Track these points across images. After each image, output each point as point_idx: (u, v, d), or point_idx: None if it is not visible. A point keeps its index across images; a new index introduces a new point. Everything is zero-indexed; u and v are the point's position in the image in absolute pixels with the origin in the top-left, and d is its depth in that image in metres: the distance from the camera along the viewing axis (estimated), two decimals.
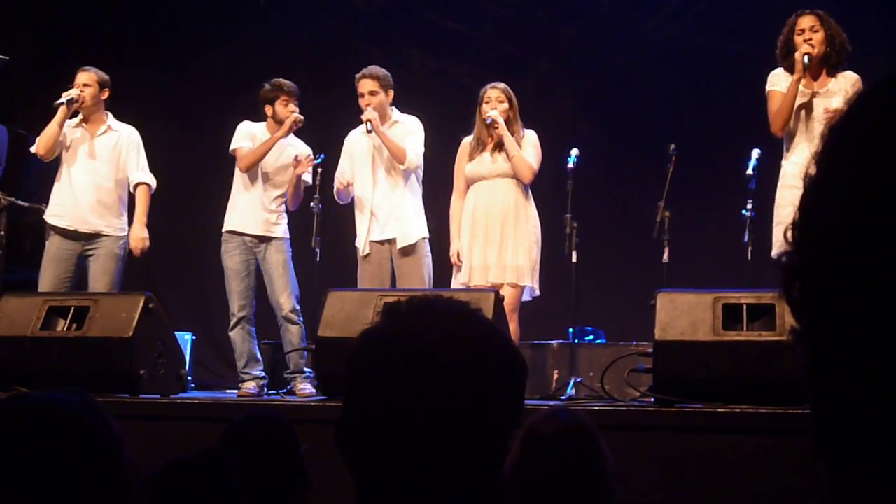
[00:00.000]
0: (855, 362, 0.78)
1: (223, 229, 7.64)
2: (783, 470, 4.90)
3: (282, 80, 7.68)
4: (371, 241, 7.43)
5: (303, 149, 7.73)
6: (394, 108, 7.54)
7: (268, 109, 7.65)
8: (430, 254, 7.46)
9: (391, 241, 7.40)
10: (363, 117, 7.35)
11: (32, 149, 7.61)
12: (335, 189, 7.57)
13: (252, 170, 7.60)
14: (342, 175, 7.57)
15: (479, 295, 6.10)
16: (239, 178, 7.67)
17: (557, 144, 7.66)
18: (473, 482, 1.47)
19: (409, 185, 7.44)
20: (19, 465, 1.74)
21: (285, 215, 7.68)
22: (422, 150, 7.44)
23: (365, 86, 7.41)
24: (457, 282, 7.23)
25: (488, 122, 7.13)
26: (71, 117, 7.60)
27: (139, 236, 7.65)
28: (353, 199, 7.59)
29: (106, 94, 7.68)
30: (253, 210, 7.58)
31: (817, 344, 0.83)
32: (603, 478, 2.97)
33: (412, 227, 7.40)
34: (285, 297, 7.41)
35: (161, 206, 8.77)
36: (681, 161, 7.46)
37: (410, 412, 1.43)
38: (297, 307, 7.41)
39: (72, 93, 7.50)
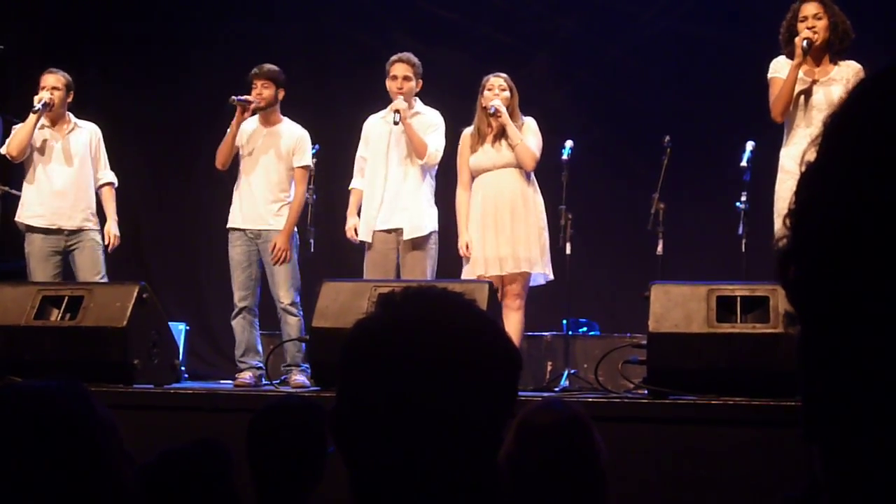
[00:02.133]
0: (850, 343, 0.79)
1: (227, 225, 7.62)
2: (776, 461, 4.91)
3: (261, 65, 7.61)
4: (376, 231, 7.39)
5: (296, 132, 7.63)
6: (417, 98, 7.52)
7: None
8: (436, 247, 7.43)
9: (398, 231, 7.37)
10: (392, 106, 7.30)
11: (2, 150, 7.67)
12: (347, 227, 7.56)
13: (241, 164, 7.58)
14: (361, 161, 7.58)
15: (474, 286, 6.10)
16: (238, 173, 7.65)
17: (552, 136, 7.66)
18: (467, 472, 1.47)
19: (422, 175, 7.41)
20: (1, 452, 1.74)
21: (288, 207, 7.60)
22: (442, 146, 7.40)
23: (400, 69, 7.38)
24: (468, 273, 7.20)
25: (492, 111, 7.12)
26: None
27: (115, 233, 7.84)
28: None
29: (71, 97, 7.82)
30: (248, 205, 7.55)
31: (811, 325, 0.83)
32: (596, 469, 2.98)
33: (423, 218, 7.35)
34: (284, 290, 7.38)
35: (156, 197, 8.80)
36: (675, 153, 7.47)
37: (404, 402, 1.43)
38: (297, 300, 7.37)
39: (44, 96, 7.58)
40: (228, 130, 7.53)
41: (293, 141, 7.59)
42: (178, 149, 9.92)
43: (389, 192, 7.39)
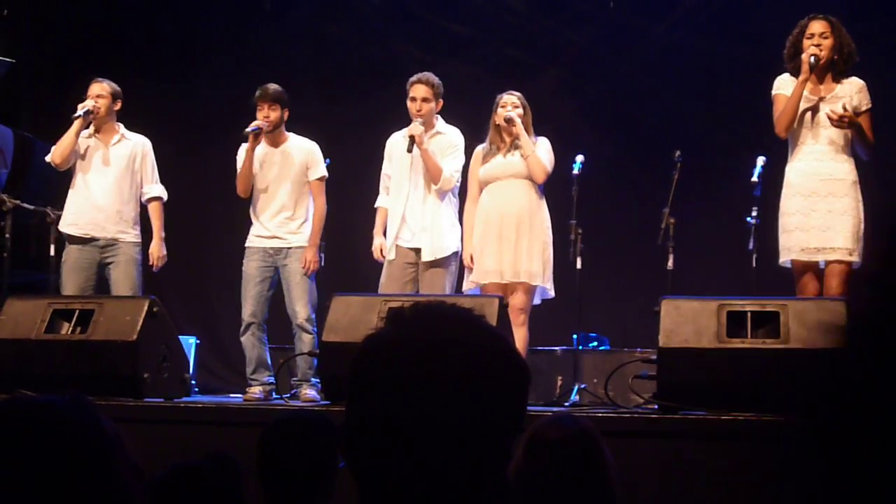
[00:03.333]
0: None
1: (245, 245, 7.63)
2: (787, 478, 4.90)
3: (264, 85, 7.60)
4: (398, 245, 7.39)
5: (304, 146, 7.64)
6: (439, 117, 7.50)
7: None
8: (457, 265, 7.39)
9: (417, 251, 7.35)
10: (408, 131, 7.27)
11: (47, 158, 7.67)
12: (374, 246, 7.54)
13: (256, 187, 7.60)
14: (385, 179, 7.56)
15: (483, 301, 6.10)
16: (252, 195, 7.66)
17: (563, 151, 7.66)
18: (477, 487, 1.47)
19: (442, 196, 7.38)
20: (6, 466, 1.74)
21: (308, 223, 7.58)
22: (460, 168, 7.36)
23: (419, 91, 7.34)
24: (468, 282, 7.21)
25: (507, 118, 7.12)
26: (85, 128, 7.66)
27: (159, 254, 7.74)
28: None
29: (118, 106, 7.75)
30: (269, 225, 7.55)
31: None
32: (606, 484, 2.97)
33: (444, 239, 7.30)
34: (301, 306, 7.37)
35: (166, 210, 8.78)
36: (686, 168, 7.46)
37: (414, 417, 1.44)
38: (313, 317, 7.35)
39: (87, 104, 7.57)
40: (243, 159, 7.53)
41: (304, 155, 7.60)
42: (187, 163, 9.94)
43: (410, 212, 7.37)
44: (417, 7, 9.99)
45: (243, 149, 7.61)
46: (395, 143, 7.55)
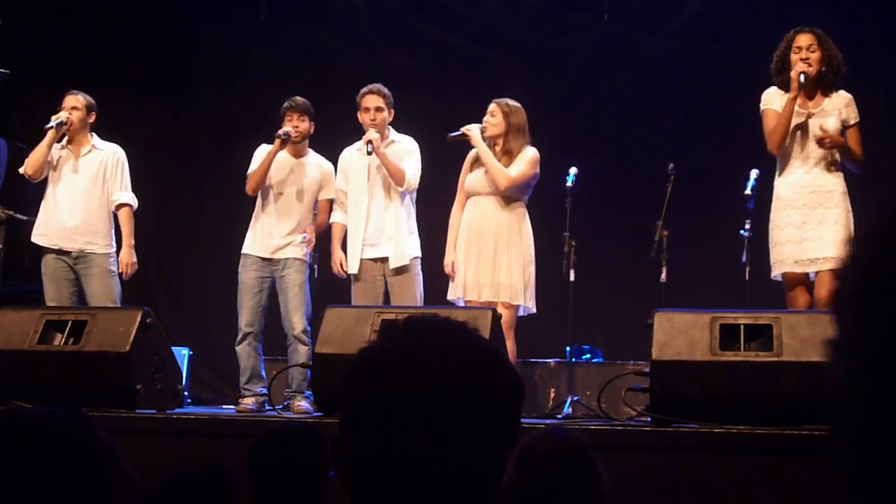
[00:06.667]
0: None
1: (242, 251, 7.63)
2: (779, 491, 4.90)
3: (293, 97, 7.67)
4: (363, 259, 7.41)
5: (323, 165, 7.72)
6: (390, 127, 7.55)
7: None
8: (421, 273, 7.46)
9: (384, 260, 7.39)
10: (366, 138, 7.33)
11: (21, 169, 7.68)
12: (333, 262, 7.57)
13: (265, 192, 7.60)
14: (340, 195, 7.61)
15: (477, 313, 6.10)
16: (258, 200, 7.67)
17: (556, 162, 7.67)
18: (470, 499, 1.47)
19: (403, 204, 7.44)
20: (1, 478, 1.74)
21: (306, 236, 7.61)
22: (419, 171, 7.45)
23: (372, 101, 7.42)
24: (451, 294, 7.22)
25: (451, 135, 7.20)
26: (58, 140, 7.66)
27: (128, 261, 7.74)
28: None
29: (92, 118, 7.79)
30: (269, 232, 7.57)
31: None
32: (598, 497, 2.97)
33: (405, 246, 7.38)
34: (298, 317, 7.39)
35: (160, 221, 8.80)
36: (679, 180, 7.47)
37: (407, 430, 1.44)
38: (308, 328, 7.38)
39: (61, 116, 7.60)
40: (260, 159, 7.56)
41: (321, 174, 7.69)
42: (182, 174, 9.94)
43: (373, 223, 7.42)
44: (411, 18, 10.00)
45: (261, 149, 7.66)
46: (349, 157, 7.61)
